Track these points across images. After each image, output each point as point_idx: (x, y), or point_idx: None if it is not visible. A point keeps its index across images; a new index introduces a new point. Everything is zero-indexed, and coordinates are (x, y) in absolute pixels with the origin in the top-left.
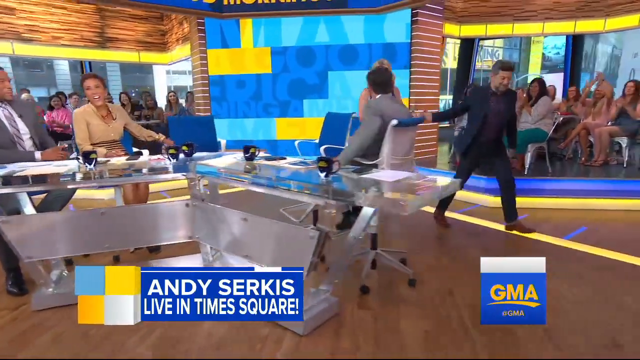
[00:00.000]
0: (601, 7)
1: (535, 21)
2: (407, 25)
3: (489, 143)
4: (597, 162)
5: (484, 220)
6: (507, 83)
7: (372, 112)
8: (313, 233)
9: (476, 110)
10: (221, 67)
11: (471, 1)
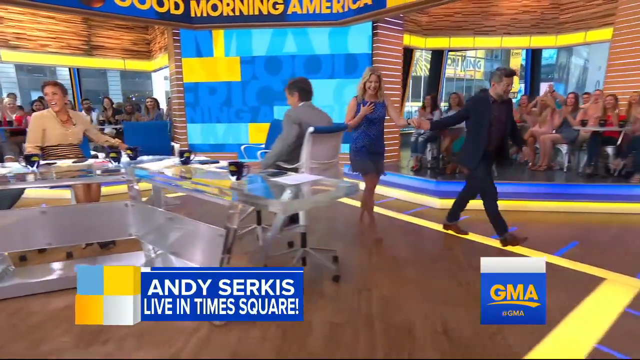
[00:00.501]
0: (552, 25)
1: (494, 35)
2: (369, 37)
3: (494, 152)
4: (541, 167)
5: (427, 222)
6: (510, 90)
7: (291, 120)
8: (221, 232)
9: (479, 119)
10: (195, 75)
11: (435, 16)
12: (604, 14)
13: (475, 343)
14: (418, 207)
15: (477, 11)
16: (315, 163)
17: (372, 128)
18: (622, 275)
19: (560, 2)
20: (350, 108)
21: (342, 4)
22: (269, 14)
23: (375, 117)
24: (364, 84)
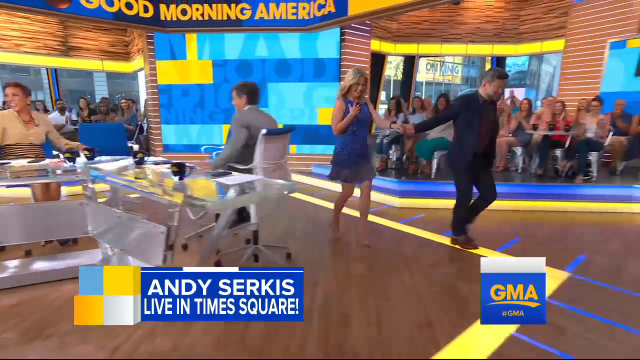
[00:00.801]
0: (513, 35)
1: (460, 43)
2: (337, 43)
3: (482, 153)
4: (498, 168)
5: (385, 220)
6: (501, 92)
7: (239, 124)
8: (162, 229)
9: (468, 119)
10: (169, 77)
11: (405, 23)
12: (557, 27)
13: (403, 334)
14: (380, 206)
15: (444, 20)
16: (266, 163)
17: (360, 130)
18: (551, 269)
19: (519, 14)
20: (338, 109)
21: (308, 11)
22: (237, 19)
23: (364, 118)
24: (349, 86)
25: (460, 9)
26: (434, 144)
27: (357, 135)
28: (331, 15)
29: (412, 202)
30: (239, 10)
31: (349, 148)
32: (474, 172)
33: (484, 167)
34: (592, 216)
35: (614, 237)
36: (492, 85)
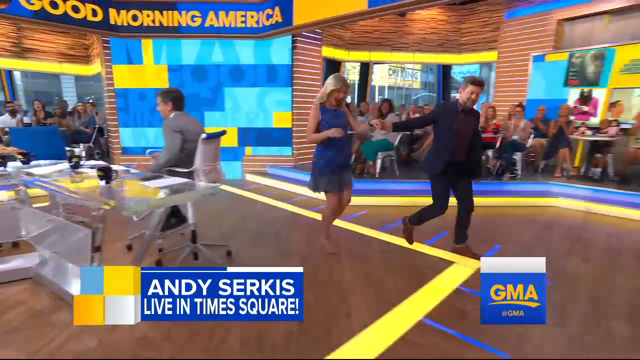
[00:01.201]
0: (455, 45)
1: (408, 51)
2: (289, 50)
3: (460, 162)
4: None
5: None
6: (475, 98)
7: (171, 130)
8: (87, 232)
9: (445, 126)
10: (126, 81)
11: (357, 32)
12: (491, 40)
13: (322, 325)
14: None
15: (393, 30)
16: (205, 166)
17: (338, 138)
18: (468, 259)
19: (460, 27)
20: (313, 117)
21: (257, 20)
22: (188, 26)
23: (341, 125)
24: (329, 92)
25: (408, 20)
26: (378, 145)
27: (334, 144)
28: (279, 25)
29: (355, 200)
30: (189, 17)
31: (326, 157)
32: (450, 179)
33: (463, 176)
34: (516, 210)
35: (528, 229)
36: (465, 92)
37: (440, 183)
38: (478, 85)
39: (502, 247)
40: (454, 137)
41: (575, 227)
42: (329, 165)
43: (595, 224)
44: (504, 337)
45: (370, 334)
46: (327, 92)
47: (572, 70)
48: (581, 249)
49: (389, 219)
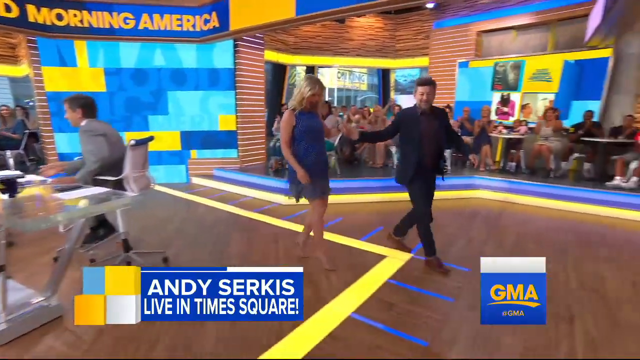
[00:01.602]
0: (391, 51)
1: (349, 56)
2: (232, 54)
3: (428, 167)
4: (377, 164)
5: (271, 218)
6: (427, 98)
7: (93, 134)
8: None
9: (407, 132)
10: (58, 84)
11: (301, 37)
12: (423, 47)
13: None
14: (269, 204)
15: (334, 36)
16: (134, 172)
17: (313, 144)
18: (400, 252)
19: (395, 34)
20: (287, 123)
21: (193, 24)
22: (121, 28)
23: (317, 128)
24: (305, 96)
25: (347, 27)
26: None
27: (313, 146)
28: (217, 30)
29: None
30: (122, 19)
31: (307, 162)
32: (424, 182)
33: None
34: (446, 203)
35: (455, 220)
36: (417, 95)
37: (414, 186)
38: (425, 85)
39: None
40: (418, 142)
41: (494, 216)
42: (312, 170)
43: (511, 213)
44: (423, 326)
45: (300, 333)
46: (306, 97)
47: (497, 77)
48: (497, 235)
49: (328, 218)
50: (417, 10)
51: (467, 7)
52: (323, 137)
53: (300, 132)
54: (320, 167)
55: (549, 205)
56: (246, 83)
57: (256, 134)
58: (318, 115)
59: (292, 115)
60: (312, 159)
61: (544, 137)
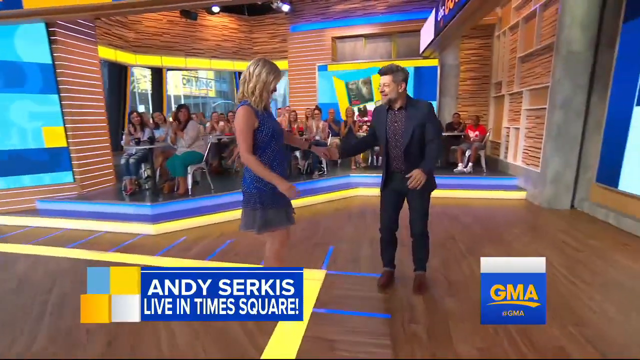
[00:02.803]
0: (249, 54)
1: (203, 58)
2: (46, 44)
3: (398, 173)
4: None
5: (138, 256)
6: (387, 90)
7: None
8: None
9: (379, 132)
10: None
11: (143, 33)
12: (281, 50)
13: None
14: (131, 238)
15: (185, 34)
16: None
17: (280, 145)
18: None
19: (251, 37)
20: (246, 124)
21: None
22: None
23: (281, 130)
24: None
25: (200, 25)
26: (186, 158)
27: (277, 155)
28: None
29: (169, 226)
30: None
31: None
32: (398, 191)
33: (410, 192)
34: (330, 205)
35: (347, 222)
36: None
37: (385, 198)
38: (381, 74)
39: (334, 247)
40: (385, 142)
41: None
42: (276, 191)
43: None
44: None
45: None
46: (270, 88)
47: (352, 94)
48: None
49: (213, 243)
50: (271, 12)
51: (319, 13)
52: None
53: (266, 137)
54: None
55: None
56: (75, 85)
57: (98, 149)
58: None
59: (250, 112)
60: (280, 172)
61: None
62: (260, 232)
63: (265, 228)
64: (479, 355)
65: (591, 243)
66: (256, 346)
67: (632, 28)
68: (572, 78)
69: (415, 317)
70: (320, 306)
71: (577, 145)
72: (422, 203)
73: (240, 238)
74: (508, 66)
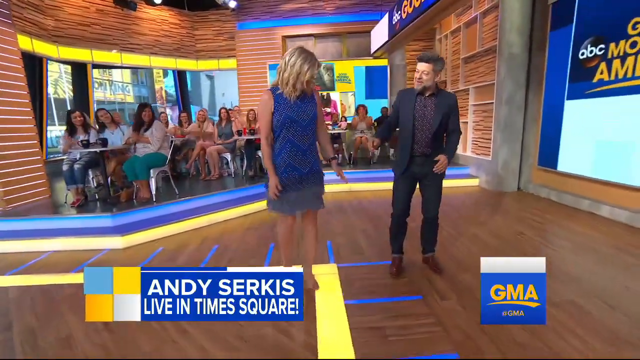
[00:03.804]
0: (192, 51)
1: (142, 54)
2: None
3: (421, 157)
4: (214, 177)
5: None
6: (424, 77)
7: None
8: None
9: (402, 115)
10: None
11: (65, 22)
12: (228, 48)
13: None
14: (95, 254)
15: (118, 27)
16: None
17: (299, 135)
18: (328, 266)
19: (194, 33)
20: (263, 110)
21: None
22: None
23: (303, 116)
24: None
25: (136, 18)
26: (149, 160)
27: (292, 142)
28: None
29: (140, 237)
30: None
31: (282, 160)
32: (414, 177)
33: (427, 179)
34: None
35: (331, 219)
36: (416, 74)
37: (401, 185)
38: (423, 62)
39: (332, 241)
40: (411, 126)
41: (353, 207)
42: (287, 173)
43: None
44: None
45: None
46: (305, 80)
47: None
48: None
49: (199, 251)
50: (214, 8)
51: (268, 12)
52: (310, 129)
53: (277, 124)
54: (295, 171)
55: (378, 187)
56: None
57: (24, 156)
58: (313, 100)
59: (269, 99)
60: (285, 159)
61: (360, 130)
62: (269, 209)
63: (270, 208)
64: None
65: (547, 217)
66: (308, 347)
67: (557, 35)
68: (514, 77)
69: (444, 294)
70: (350, 298)
71: (520, 135)
72: (439, 187)
73: (227, 242)
74: (451, 66)
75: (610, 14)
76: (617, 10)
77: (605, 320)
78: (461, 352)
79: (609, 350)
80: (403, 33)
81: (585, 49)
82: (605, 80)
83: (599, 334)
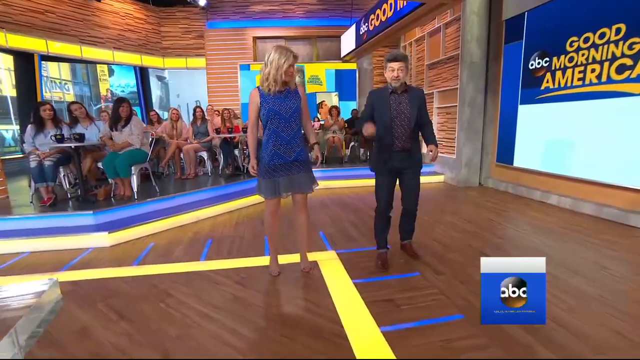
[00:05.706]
0: (158, 49)
1: (104, 48)
2: None
3: (402, 152)
4: (190, 175)
5: (99, 272)
6: (398, 75)
7: None
8: None
9: (378, 114)
10: None
11: (14, 7)
12: (196, 47)
13: None
14: (80, 253)
15: (76, 17)
16: None
17: (282, 126)
18: (326, 253)
19: (160, 30)
20: (251, 104)
21: None
22: None
23: (286, 109)
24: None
25: (97, 9)
26: (130, 157)
27: (276, 133)
28: None
29: (127, 235)
30: None
31: (267, 150)
32: (395, 172)
33: (406, 174)
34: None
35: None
36: (387, 72)
37: (383, 180)
38: (394, 61)
39: (323, 232)
40: (390, 123)
41: (334, 201)
42: (275, 157)
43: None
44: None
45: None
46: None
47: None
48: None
49: (194, 244)
50: (180, 4)
51: (239, 12)
52: (294, 121)
53: (263, 117)
54: (280, 158)
55: (352, 184)
56: None
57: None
58: (296, 94)
59: (255, 95)
60: (270, 148)
61: (332, 131)
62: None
63: (257, 191)
64: None
65: (508, 206)
66: (331, 320)
67: (511, 48)
68: (474, 82)
69: (439, 270)
70: (356, 278)
71: (480, 135)
72: (418, 179)
73: (220, 236)
74: (416, 72)
75: (552, 32)
76: (557, 29)
77: (570, 281)
78: (465, 314)
79: (576, 303)
80: (370, 42)
81: (534, 60)
82: (551, 87)
83: (567, 292)
